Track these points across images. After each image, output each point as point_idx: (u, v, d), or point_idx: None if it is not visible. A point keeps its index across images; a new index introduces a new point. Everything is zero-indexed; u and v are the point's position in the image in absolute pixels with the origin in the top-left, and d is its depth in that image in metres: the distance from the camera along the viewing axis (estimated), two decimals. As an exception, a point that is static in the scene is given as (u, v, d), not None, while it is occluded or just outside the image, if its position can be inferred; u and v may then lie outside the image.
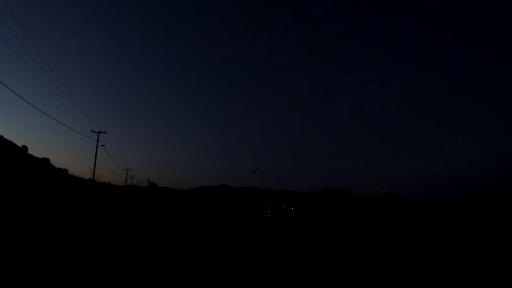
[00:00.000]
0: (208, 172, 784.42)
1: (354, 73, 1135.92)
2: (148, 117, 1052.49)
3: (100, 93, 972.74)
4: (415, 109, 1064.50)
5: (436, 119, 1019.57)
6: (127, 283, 6.98)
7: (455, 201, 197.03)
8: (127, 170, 77.85)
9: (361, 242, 19.10)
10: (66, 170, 53.29)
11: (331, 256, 12.66)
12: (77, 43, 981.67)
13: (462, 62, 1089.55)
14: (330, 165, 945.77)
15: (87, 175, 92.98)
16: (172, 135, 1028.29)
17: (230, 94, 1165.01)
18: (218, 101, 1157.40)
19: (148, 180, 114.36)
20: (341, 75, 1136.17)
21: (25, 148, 40.98)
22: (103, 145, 44.63)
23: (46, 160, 46.65)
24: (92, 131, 42.54)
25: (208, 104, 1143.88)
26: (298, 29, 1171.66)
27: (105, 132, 43.44)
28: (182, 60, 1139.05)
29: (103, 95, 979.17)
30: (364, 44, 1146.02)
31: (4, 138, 36.11)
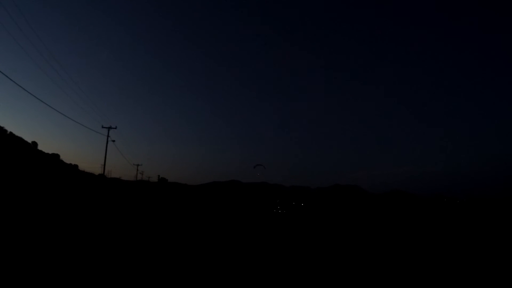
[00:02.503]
0: (219, 168, 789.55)
1: (365, 73, 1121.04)
2: (158, 113, 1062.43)
3: (110, 89, 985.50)
4: (426, 106, 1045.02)
5: (447, 116, 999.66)
6: (135, 278, 6.89)
7: (465, 198, 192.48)
8: (138, 165, 78.05)
9: (369, 238, 18.78)
10: (76, 166, 53.69)
11: (339, 252, 12.37)
12: (87, 41, 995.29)
13: (471, 61, 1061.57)
14: (340, 161, 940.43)
15: (97, 170, 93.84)
16: (183, 131, 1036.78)
17: (241, 90, 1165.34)
18: (228, 98, 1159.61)
19: (159, 176, 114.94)
20: (352, 75, 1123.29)
21: (34, 144, 41.24)
22: (114, 141, 44.52)
23: (56, 156, 46.97)
24: (103, 127, 42.45)
25: (219, 101, 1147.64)
26: (311, 29, 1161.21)
27: (115, 128, 43.29)
28: (192, 57, 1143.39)
29: (113, 92, 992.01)
30: (376, 48, 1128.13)
31: (13, 135, 36.32)
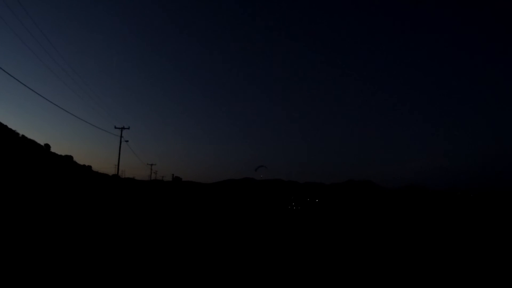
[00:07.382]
0: (233, 166, 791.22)
1: (378, 70, 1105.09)
2: (171, 112, 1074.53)
3: (122, 90, 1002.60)
4: (440, 99, 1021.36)
5: (462, 109, 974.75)
6: (146, 276, 6.86)
7: (480, 192, 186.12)
8: (151, 165, 78.42)
9: (382, 234, 18.33)
10: (89, 167, 54.03)
11: (352, 249, 12.12)
12: (99, 43, 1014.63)
13: (482, 57, 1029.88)
14: (354, 157, 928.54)
15: (111, 171, 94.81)
16: (196, 129, 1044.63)
17: (251, 88, 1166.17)
18: (240, 96, 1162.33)
19: (173, 175, 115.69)
20: (364, 72, 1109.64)
21: (47, 146, 41.46)
22: (127, 141, 44.54)
23: (69, 157, 47.25)
24: (115, 127, 42.48)
25: (231, 99, 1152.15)
26: (318, 25, 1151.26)
27: (128, 128, 43.32)
28: (202, 57, 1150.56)
29: (125, 92, 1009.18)
30: (387, 47, 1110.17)
31: (26, 138, 36.48)
